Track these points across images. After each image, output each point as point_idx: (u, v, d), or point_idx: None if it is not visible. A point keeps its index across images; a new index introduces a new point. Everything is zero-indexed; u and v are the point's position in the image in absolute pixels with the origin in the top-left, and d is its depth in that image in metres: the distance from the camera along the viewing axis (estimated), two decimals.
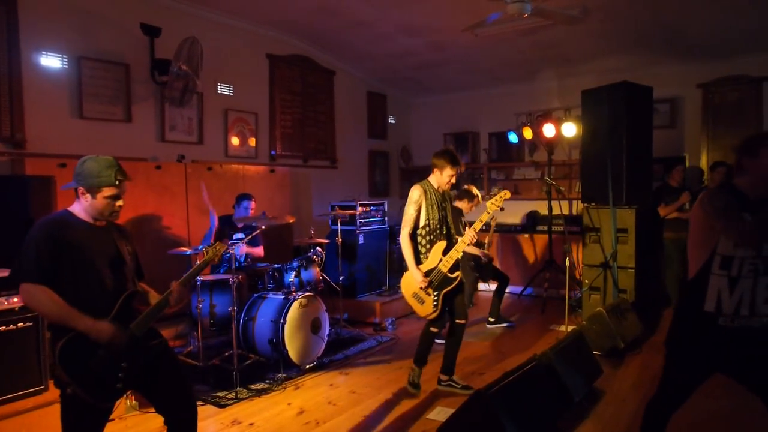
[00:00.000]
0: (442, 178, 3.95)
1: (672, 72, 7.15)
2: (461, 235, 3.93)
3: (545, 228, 7.33)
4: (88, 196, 2.34)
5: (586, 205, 6.13)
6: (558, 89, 8.02)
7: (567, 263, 5.18)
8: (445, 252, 3.88)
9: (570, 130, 6.98)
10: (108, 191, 2.34)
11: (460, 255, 3.88)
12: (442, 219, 3.95)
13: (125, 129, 5.35)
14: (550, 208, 7.03)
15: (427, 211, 3.89)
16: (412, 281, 3.92)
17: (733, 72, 6.80)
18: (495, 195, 3.90)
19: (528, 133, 7.54)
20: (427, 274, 3.87)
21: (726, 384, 2.56)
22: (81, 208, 2.38)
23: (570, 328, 5.06)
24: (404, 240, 3.91)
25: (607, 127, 5.71)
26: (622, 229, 5.71)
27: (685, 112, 7.25)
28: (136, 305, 2.46)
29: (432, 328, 4.02)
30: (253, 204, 5.23)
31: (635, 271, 5.66)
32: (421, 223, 3.91)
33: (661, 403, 2.59)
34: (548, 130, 7.04)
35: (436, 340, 4.00)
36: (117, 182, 2.35)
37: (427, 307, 3.90)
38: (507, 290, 6.32)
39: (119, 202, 2.40)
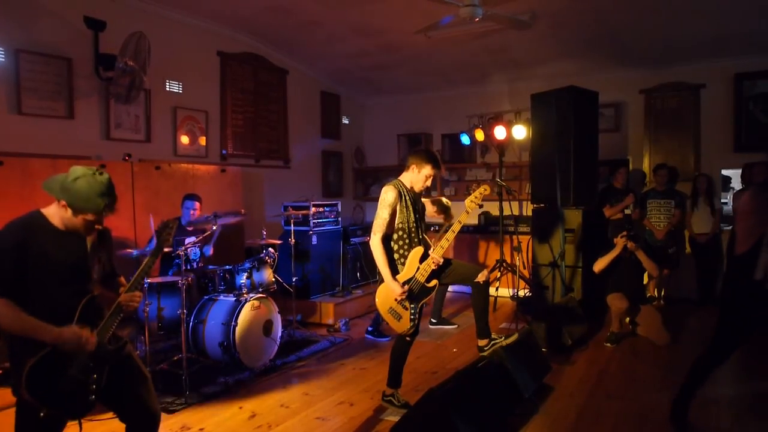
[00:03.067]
0: (417, 177, 3.59)
1: (616, 78, 7.42)
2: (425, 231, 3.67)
3: (497, 228, 7.46)
4: (70, 212, 2.26)
5: (535, 206, 6.28)
6: (509, 92, 8.18)
7: (517, 262, 5.30)
8: (422, 260, 3.55)
9: (520, 132, 7.12)
10: (91, 216, 2.27)
11: (436, 266, 3.55)
12: (418, 222, 3.62)
13: (67, 126, 5.14)
14: (501, 209, 7.17)
15: (402, 213, 3.53)
16: (388, 294, 3.52)
17: (673, 79, 7.13)
18: (474, 192, 3.63)
19: (480, 135, 7.66)
20: (404, 284, 3.52)
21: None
22: (57, 215, 2.29)
23: (520, 326, 5.17)
24: (376, 247, 3.49)
25: (555, 129, 5.88)
26: (569, 229, 5.89)
27: (629, 116, 7.53)
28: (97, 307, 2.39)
29: (406, 338, 3.68)
30: (197, 205, 5.11)
31: (582, 270, 5.84)
32: (396, 227, 3.55)
33: (711, 358, 3.11)
34: (499, 133, 7.16)
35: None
36: (104, 212, 2.28)
37: (404, 323, 3.55)
38: (458, 289, 6.36)
39: (98, 225, 2.35)
